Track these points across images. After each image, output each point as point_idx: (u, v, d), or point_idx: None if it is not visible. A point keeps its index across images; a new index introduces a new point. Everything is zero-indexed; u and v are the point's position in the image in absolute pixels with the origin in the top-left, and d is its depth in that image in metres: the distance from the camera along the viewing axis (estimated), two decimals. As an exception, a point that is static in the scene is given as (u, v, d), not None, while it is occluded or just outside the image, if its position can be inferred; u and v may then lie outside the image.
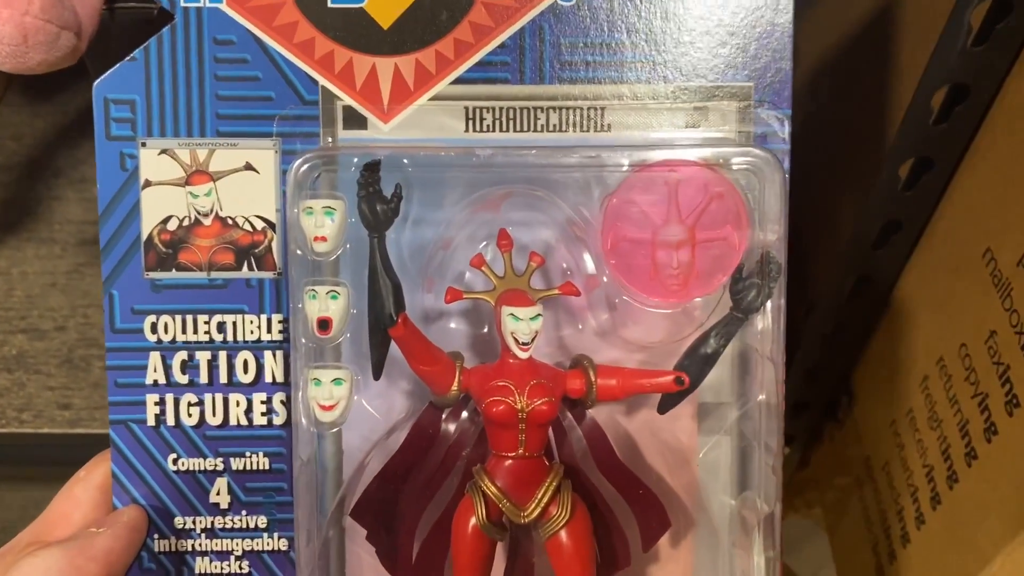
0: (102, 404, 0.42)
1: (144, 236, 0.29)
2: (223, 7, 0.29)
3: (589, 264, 0.29)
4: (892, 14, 0.37)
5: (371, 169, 0.26)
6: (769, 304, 0.27)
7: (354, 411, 0.28)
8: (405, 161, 0.28)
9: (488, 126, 0.29)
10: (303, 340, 0.28)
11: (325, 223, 0.27)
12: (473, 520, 0.27)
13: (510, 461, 0.27)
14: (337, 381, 0.27)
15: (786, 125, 0.29)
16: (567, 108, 0.29)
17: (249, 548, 0.30)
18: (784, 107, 0.29)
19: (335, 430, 0.29)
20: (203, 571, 0.30)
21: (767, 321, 0.27)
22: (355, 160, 0.27)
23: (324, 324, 0.27)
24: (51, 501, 0.30)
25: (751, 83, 0.29)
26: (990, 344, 0.32)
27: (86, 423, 0.42)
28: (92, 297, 0.44)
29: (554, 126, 0.30)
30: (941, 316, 0.36)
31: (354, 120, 0.29)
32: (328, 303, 0.27)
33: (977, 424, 0.32)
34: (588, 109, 0.29)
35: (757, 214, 0.27)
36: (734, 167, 0.28)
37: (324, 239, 0.27)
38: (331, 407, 0.27)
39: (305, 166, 0.28)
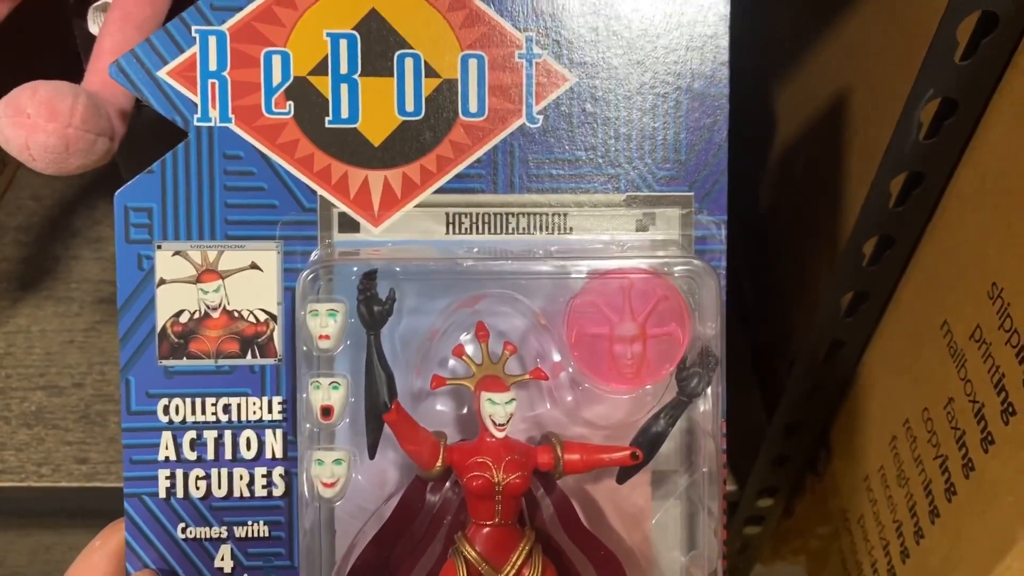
0: (118, 459, 0.43)
1: (159, 328, 0.33)
2: (232, 126, 0.33)
3: (555, 352, 0.33)
4: (853, 98, 0.41)
5: (369, 277, 0.30)
6: (709, 390, 0.32)
7: (353, 484, 0.32)
8: (397, 269, 0.32)
9: (466, 229, 0.34)
10: (307, 425, 0.31)
11: (329, 323, 0.31)
12: (455, 581, 0.31)
13: (488, 528, 0.31)
14: (337, 461, 0.31)
15: (722, 229, 0.34)
16: (535, 214, 0.34)
17: (250, 608, 0.33)
18: (720, 213, 0.34)
19: (336, 503, 0.32)
20: (209, 630, 0.33)
21: (708, 404, 0.32)
22: (354, 269, 0.31)
23: (327, 411, 0.31)
24: (70, 567, 0.33)
25: (692, 192, 0.34)
26: (948, 410, 0.34)
27: (102, 477, 0.43)
28: (108, 354, 0.44)
29: (524, 229, 0.34)
30: (906, 381, 0.38)
31: (348, 225, 0.33)
32: (330, 393, 0.31)
33: (939, 485, 0.34)
34: (553, 215, 0.34)
35: (697, 313, 0.32)
36: (676, 274, 0.32)
37: (328, 337, 0.31)
38: (332, 484, 0.31)
39: (311, 275, 0.31)
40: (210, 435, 0.33)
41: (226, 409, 0.33)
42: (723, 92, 0.33)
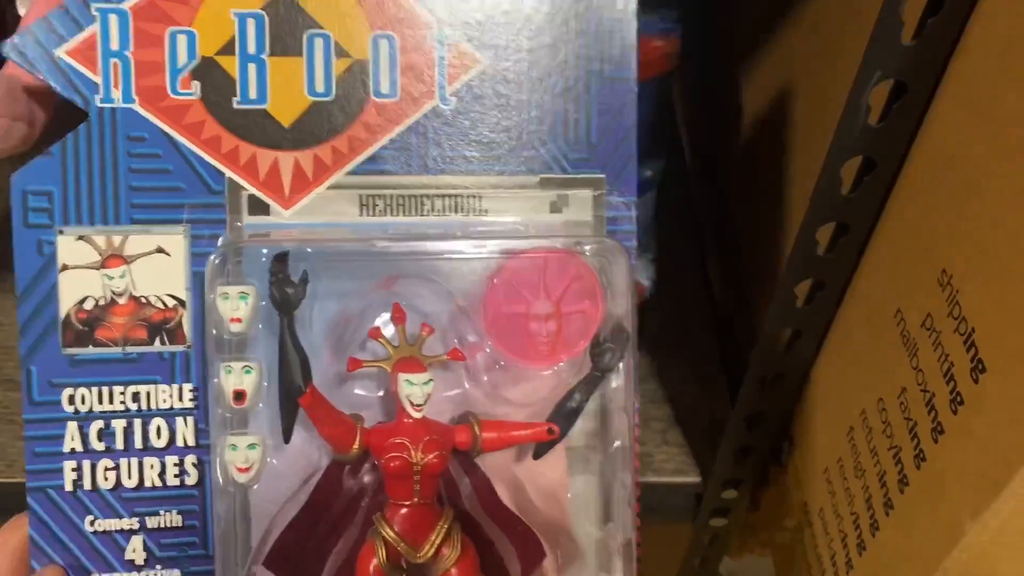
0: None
1: (62, 316, 0.32)
2: (136, 107, 0.32)
3: (473, 333, 0.33)
4: (814, 82, 0.41)
5: (280, 259, 0.30)
6: (622, 364, 0.32)
7: (268, 469, 0.32)
8: (309, 250, 0.31)
9: (380, 211, 0.33)
10: (219, 410, 0.31)
11: (240, 306, 0.31)
12: (374, 562, 0.30)
13: (406, 509, 0.31)
14: (251, 446, 0.31)
15: (632, 210, 0.35)
16: (449, 196, 0.34)
17: (165, 600, 0.33)
18: (630, 195, 0.35)
19: (251, 488, 0.32)
20: (121, 624, 0.32)
21: (621, 379, 0.33)
22: (264, 251, 0.31)
23: (239, 396, 0.31)
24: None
25: (603, 175, 0.35)
26: (901, 400, 0.34)
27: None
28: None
29: (439, 211, 0.34)
30: (861, 371, 0.37)
31: (258, 207, 0.33)
32: (243, 377, 0.31)
33: (892, 476, 0.34)
34: (468, 197, 0.34)
35: (609, 291, 0.33)
36: (588, 253, 0.33)
37: (239, 320, 0.31)
38: (246, 469, 0.31)
39: (219, 258, 0.31)
40: (119, 424, 0.32)
41: (135, 397, 0.32)
42: (631, 76, 0.34)
